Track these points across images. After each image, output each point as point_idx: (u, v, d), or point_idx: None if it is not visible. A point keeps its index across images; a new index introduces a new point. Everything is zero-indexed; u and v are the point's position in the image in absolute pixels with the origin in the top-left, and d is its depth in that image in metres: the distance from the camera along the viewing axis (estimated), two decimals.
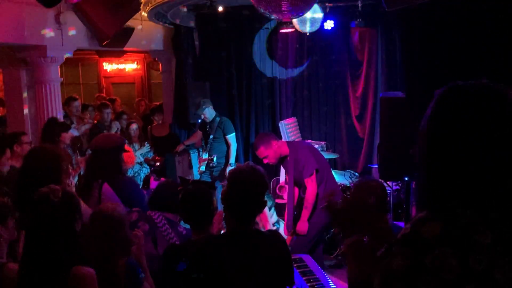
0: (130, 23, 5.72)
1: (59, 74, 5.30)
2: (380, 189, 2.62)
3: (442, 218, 1.16)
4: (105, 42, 4.96)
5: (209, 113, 6.22)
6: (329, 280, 2.95)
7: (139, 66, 10.56)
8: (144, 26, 6.39)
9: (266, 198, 2.29)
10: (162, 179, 4.17)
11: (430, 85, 1.28)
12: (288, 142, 4.62)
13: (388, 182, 4.85)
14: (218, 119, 6.30)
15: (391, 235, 2.27)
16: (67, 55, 5.22)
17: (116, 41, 5.45)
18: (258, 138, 4.56)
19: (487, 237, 1.12)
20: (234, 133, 6.41)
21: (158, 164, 4.15)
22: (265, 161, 4.49)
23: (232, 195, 2.17)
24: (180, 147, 6.85)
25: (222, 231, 2.51)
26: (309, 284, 2.87)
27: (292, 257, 3.39)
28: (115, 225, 2.20)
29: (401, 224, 4.06)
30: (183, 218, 2.65)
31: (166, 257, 2.47)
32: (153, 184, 3.87)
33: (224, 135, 6.28)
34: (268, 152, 4.39)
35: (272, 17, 3.50)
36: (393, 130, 3.47)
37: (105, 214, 2.21)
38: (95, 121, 6.52)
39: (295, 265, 3.21)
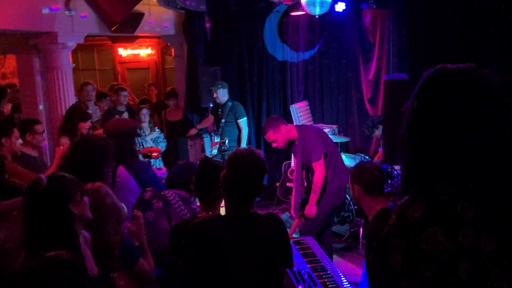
0: (140, 8, 5.74)
1: (71, 60, 5.36)
2: (376, 171, 2.63)
3: (424, 199, 1.18)
4: (114, 28, 4.99)
5: (222, 93, 6.24)
6: (330, 260, 2.97)
7: (153, 52, 10.59)
8: (155, 11, 6.41)
9: None
10: (163, 168, 4.26)
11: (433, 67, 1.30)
12: (297, 126, 4.62)
13: (394, 166, 4.82)
14: (230, 103, 6.34)
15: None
16: (77, 42, 5.26)
17: (126, 26, 5.48)
18: (267, 122, 4.56)
19: (471, 211, 1.14)
20: (246, 118, 6.44)
21: (155, 154, 4.20)
22: (274, 145, 4.51)
23: (231, 178, 2.19)
24: (192, 131, 6.92)
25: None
26: (310, 265, 2.90)
27: (295, 239, 3.44)
28: (102, 193, 2.27)
29: None
30: (194, 192, 2.68)
31: (171, 234, 2.52)
32: (158, 173, 3.94)
33: (236, 119, 6.33)
34: (277, 136, 4.40)
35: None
36: (397, 113, 3.42)
37: (91, 186, 2.28)
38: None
39: (298, 246, 3.26)
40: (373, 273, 1.23)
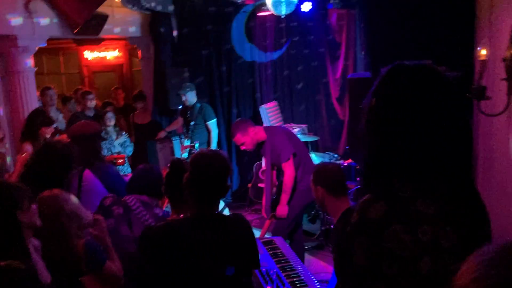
0: (104, 9, 5.64)
1: (33, 63, 5.22)
2: (338, 171, 2.63)
3: (384, 196, 1.18)
4: (77, 30, 4.88)
5: (190, 96, 6.20)
6: (299, 260, 2.98)
7: (120, 54, 10.44)
8: (120, 13, 6.31)
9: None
10: (129, 174, 4.20)
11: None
12: (265, 128, 4.62)
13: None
14: (198, 105, 6.30)
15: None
16: (38, 45, 5.12)
17: (89, 28, 5.37)
18: (235, 126, 4.53)
19: (430, 207, 1.15)
20: (215, 119, 6.41)
21: (120, 161, 4.14)
22: (243, 147, 4.50)
23: (195, 180, 2.17)
24: (161, 134, 6.84)
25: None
26: (279, 265, 2.90)
27: (265, 240, 3.44)
28: (61, 199, 2.21)
29: None
30: (165, 194, 2.63)
31: (140, 239, 2.48)
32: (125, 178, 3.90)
33: (205, 121, 6.29)
34: (245, 139, 4.39)
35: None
36: (361, 111, 3.45)
37: (48, 194, 2.23)
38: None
39: (267, 247, 3.25)
40: (339, 271, 1.23)
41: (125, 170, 5.46)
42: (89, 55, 10.40)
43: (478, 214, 1.23)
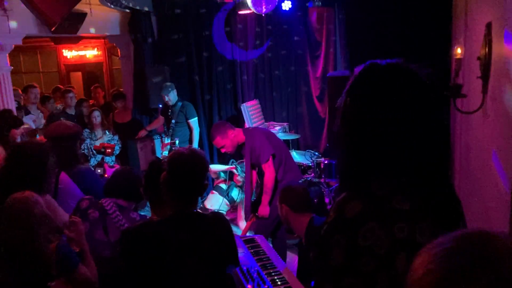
0: (82, 7, 5.56)
1: (9, 62, 5.11)
2: (303, 191, 2.87)
3: (361, 195, 1.19)
4: (54, 28, 4.80)
5: (172, 96, 6.16)
6: (280, 258, 2.99)
7: (99, 52, 10.32)
8: (99, 11, 6.22)
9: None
10: (116, 166, 4.10)
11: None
12: (244, 130, 4.58)
13: None
14: (180, 103, 6.26)
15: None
16: (14, 43, 5.02)
17: (67, 26, 5.28)
18: (214, 128, 4.50)
19: (406, 204, 1.16)
20: (196, 118, 6.38)
21: (109, 151, 4.06)
22: (223, 150, 4.49)
23: (172, 179, 2.16)
24: (142, 133, 6.78)
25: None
26: (260, 263, 2.90)
27: (246, 238, 3.44)
28: (31, 202, 2.17)
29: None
30: (144, 195, 2.61)
31: (120, 240, 2.45)
32: (109, 171, 3.81)
33: (186, 119, 6.26)
34: (225, 142, 4.39)
35: None
36: (335, 110, 3.48)
37: (19, 196, 2.18)
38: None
39: (248, 245, 3.25)
40: (316, 270, 1.24)
41: (111, 161, 5.42)
42: (68, 53, 10.25)
43: (453, 210, 1.25)
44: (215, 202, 5.88)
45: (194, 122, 6.30)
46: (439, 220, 1.18)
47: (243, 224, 5.50)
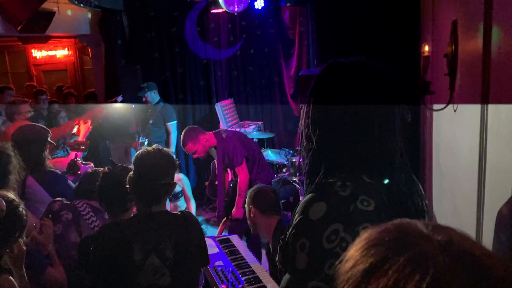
0: (50, 6, 5.43)
1: None
2: (272, 194, 2.88)
3: (325, 196, 1.17)
4: (20, 27, 4.67)
5: (151, 95, 6.05)
6: (254, 257, 2.99)
7: (70, 52, 10.12)
8: (68, 9, 6.09)
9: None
10: (90, 163, 4.00)
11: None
12: (215, 133, 4.50)
13: None
14: (161, 104, 6.15)
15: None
16: None
17: (35, 26, 5.15)
18: (185, 134, 4.39)
19: (370, 205, 1.15)
20: (176, 121, 6.26)
21: (83, 147, 3.97)
22: (195, 156, 4.44)
23: (139, 178, 2.15)
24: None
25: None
26: (234, 263, 2.89)
27: (221, 238, 3.43)
28: None
29: None
30: (100, 202, 2.57)
31: (79, 246, 2.43)
32: (83, 168, 3.73)
33: (165, 121, 6.14)
34: (197, 147, 4.34)
35: None
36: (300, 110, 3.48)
37: None
38: None
39: (222, 245, 3.24)
40: (282, 273, 1.23)
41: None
42: (37, 53, 10.02)
43: (418, 208, 1.25)
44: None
45: (172, 125, 6.17)
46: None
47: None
